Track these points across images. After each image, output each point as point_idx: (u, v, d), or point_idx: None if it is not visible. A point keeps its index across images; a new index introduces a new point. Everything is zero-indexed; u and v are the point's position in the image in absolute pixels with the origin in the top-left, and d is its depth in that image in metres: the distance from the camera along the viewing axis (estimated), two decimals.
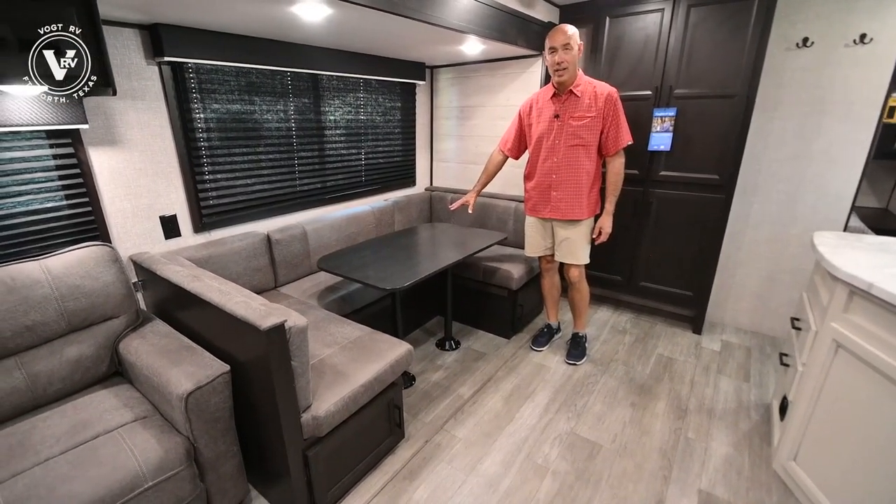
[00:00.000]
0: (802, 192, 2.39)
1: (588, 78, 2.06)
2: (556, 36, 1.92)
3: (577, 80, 2.01)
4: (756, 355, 2.48)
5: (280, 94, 2.22)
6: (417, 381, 2.22)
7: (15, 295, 1.31)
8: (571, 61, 1.93)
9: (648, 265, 2.76)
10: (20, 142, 1.45)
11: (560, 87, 2.03)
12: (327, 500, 1.48)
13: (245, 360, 1.33)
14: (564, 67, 1.93)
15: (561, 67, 1.94)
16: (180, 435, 1.28)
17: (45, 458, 1.15)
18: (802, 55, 2.22)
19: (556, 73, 1.97)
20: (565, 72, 1.94)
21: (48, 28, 1.19)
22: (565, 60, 1.92)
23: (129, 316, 1.57)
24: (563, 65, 1.93)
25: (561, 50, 1.91)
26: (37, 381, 1.34)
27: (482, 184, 2.43)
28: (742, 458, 1.74)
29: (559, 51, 1.91)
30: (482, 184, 2.43)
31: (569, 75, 1.96)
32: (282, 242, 2.23)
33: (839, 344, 1.37)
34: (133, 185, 1.76)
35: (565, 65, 1.93)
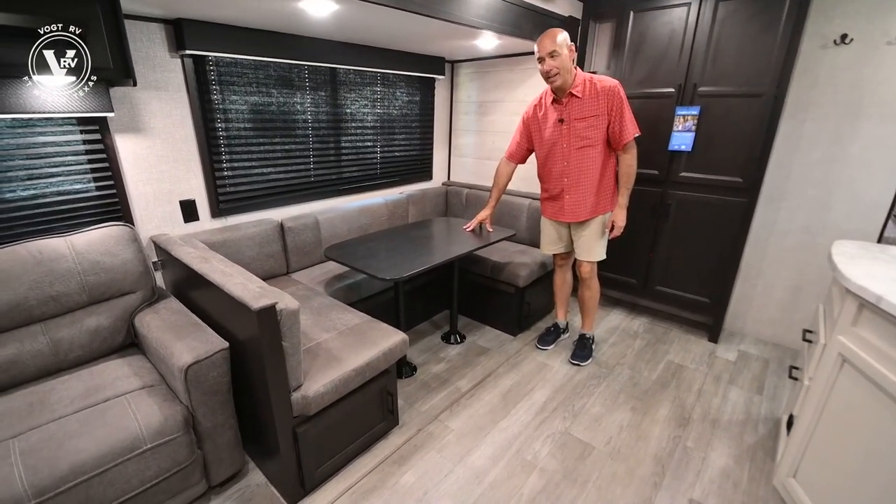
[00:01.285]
0: (835, 198, 2.25)
1: (586, 75, 1.99)
2: (542, 44, 1.88)
3: (574, 82, 1.96)
4: (773, 368, 2.37)
5: (297, 87, 2.30)
6: (419, 371, 2.26)
7: (42, 267, 1.44)
8: (562, 67, 1.88)
9: (664, 268, 2.68)
10: (53, 127, 1.59)
11: (558, 91, 1.99)
12: (316, 477, 1.55)
13: (243, 338, 1.40)
14: (555, 74, 1.90)
15: (551, 75, 1.91)
16: (181, 404, 1.37)
17: (59, 415, 1.27)
18: (839, 53, 2.09)
19: (548, 81, 1.95)
20: (557, 77, 1.91)
21: (48, 28, 1.24)
22: (554, 68, 1.88)
23: (146, 292, 1.69)
24: (552, 72, 1.89)
25: (548, 58, 1.88)
26: (59, 346, 1.47)
27: (495, 198, 2.40)
28: (741, 471, 1.68)
29: (546, 59, 1.88)
30: (495, 198, 2.40)
31: (562, 80, 1.92)
32: (294, 230, 2.32)
33: (845, 358, 1.30)
34: (155, 171, 1.88)
35: (555, 72, 1.89)
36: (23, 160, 1.56)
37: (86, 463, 1.15)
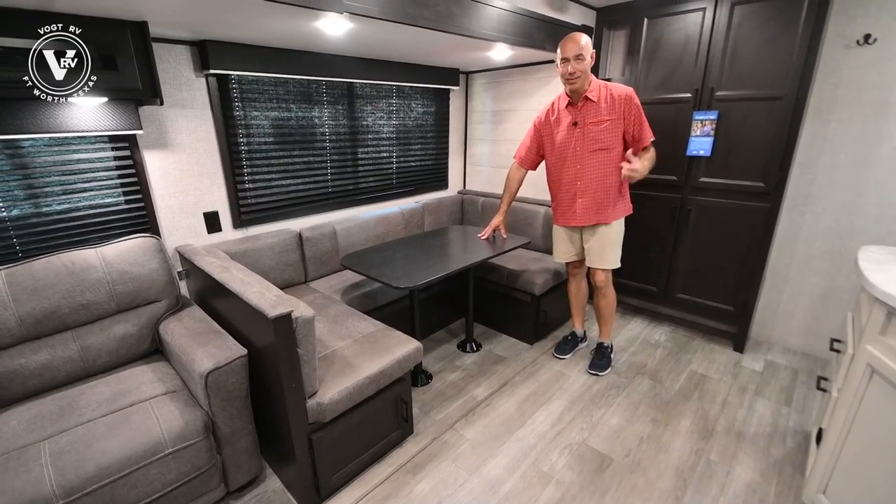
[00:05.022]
0: (863, 201, 2.17)
1: (600, 81, 2.02)
2: (568, 46, 1.90)
3: (590, 86, 1.98)
4: (803, 378, 2.27)
5: (316, 102, 2.37)
6: (434, 379, 2.26)
7: (74, 277, 1.51)
8: (584, 70, 1.90)
9: (686, 276, 2.63)
10: (86, 145, 1.68)
11: (574, 94, 2.01)
12: (332, 484, 1.56)
13: (260, 345, 1.44)
14: (577, 77, 1.91)
15: (573, 77, 1.92)
16: (201, 409, 1.41)
17: (87, 419, 1.32)
18: (863, 53, 2.03)
19: (567, 83, 1.96)
20: (577, 80, 1.92)
21: (48, 28, 1.21)
22: (578, 70, 1.90)
23: (170, 301, 1.75)
24: (574, 75, 1.91)
25: (573, 60, 1.89)
26: (88, 352, 1.54)
27: (507, 203, 2.40)
28: (768, 486, 1.61)
29: (571, 61, 1.90)
30: (507, 203, 2.40)
31: (581, 83, 1.94)
32: (312, 240, 2.37)
33: (874, 369, 1.25)
34: (181, 184, 1.96)
35: (577, 74, 1.91)
36: (58, 176, 1.65)
37: (111, 465, 1.19)
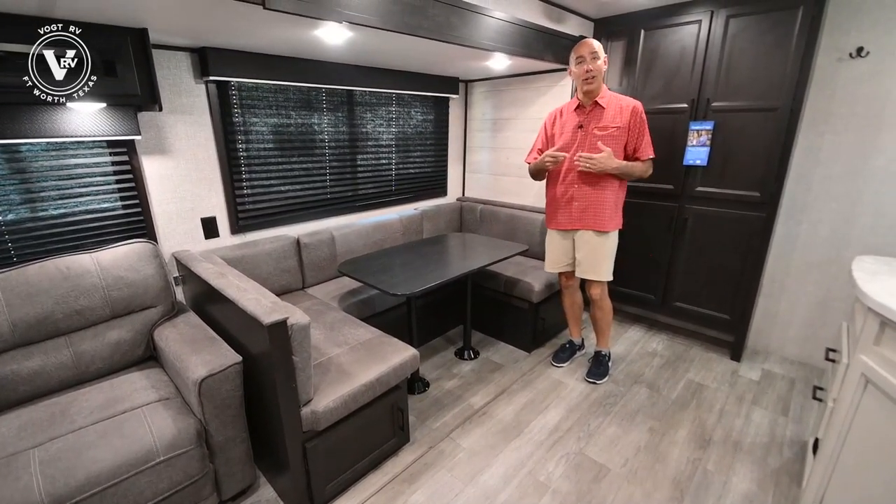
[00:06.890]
0: (858, 212, 2.18)
1: (612, 92, 2.08)
2: (583, 46, 1.98)
3: (602, 93, 2.04)
4: (800, 388, 2.27)
5: (315, 109, 2.38)
6: (431, 387, 2.25)
7: (69, 282, 1.50)
8: (599, 71, 1.97)
9: (683, 284, 2.63)
10: (84, 150, 1.68)
11: (587, 96, 2.05)
12: (326, 494, 1.55)
13: (255, 352, 1.43)
14: (593, 76, 1.97)
15: (590, 76, 1.97)
16: (194, 417, 1.40)
17: (78, 426, 1.31)
18: (856, 66, 2.05)
19: (584, 82, 2.00)
20: (594, 80, 1.98)
21: (48, 28, 1.20)
22: (594, 69, 1.96)
23: (165, 306, 1.74)
24: (591, 73, 1.97)
25: (589, 59, 1.96)
26: (81, 359, 1.53)
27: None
28: (765, 496, 1.61)
29: (587, 60, 1.96)
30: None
31: (597, 84, 2.00)
32: (310, 246, 2.37)
33: (868, 379, 1.24)
34: (178, 190, 1.96)
35: (594, 73, 1.97)
36: (55, 181, 1.65)
37: (101, 474, 1.18)
